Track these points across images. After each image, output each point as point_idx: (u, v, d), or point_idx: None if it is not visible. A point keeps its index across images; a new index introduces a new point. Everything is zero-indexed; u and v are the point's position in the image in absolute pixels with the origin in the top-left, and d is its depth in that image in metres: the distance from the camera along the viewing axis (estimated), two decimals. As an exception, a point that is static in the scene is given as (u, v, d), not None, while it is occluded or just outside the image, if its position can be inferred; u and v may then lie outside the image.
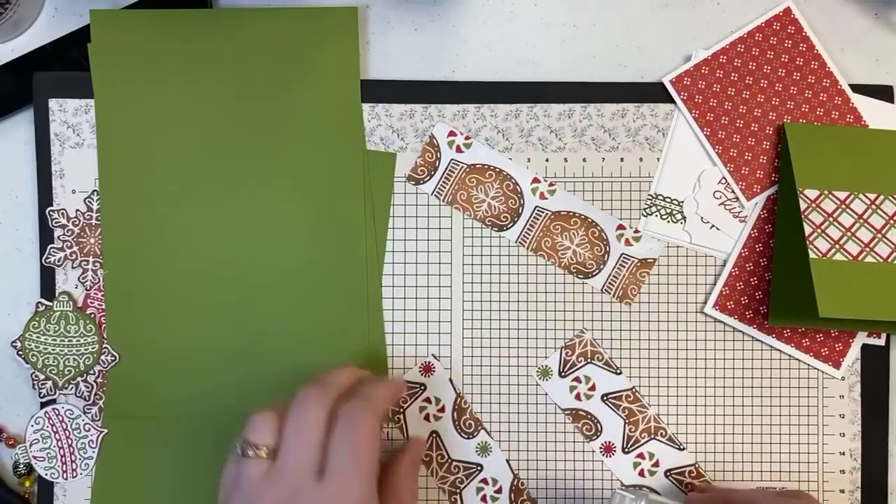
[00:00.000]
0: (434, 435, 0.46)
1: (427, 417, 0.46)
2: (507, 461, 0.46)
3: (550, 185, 0.47)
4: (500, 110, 0.47)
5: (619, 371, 0.46)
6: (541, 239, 0.47)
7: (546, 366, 0.46)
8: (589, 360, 0.46)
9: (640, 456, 0.46)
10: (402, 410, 0.46)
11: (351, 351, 0.46)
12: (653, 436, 0.46)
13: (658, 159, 0.47)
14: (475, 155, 0.47)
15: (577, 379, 0.46)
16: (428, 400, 0.46)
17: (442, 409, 0.46)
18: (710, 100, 0.46)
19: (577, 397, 0.46)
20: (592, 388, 0.46)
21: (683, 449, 0.46)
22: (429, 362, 0.46)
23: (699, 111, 0.46)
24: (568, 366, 0.46)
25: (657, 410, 0.47)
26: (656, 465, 0.46)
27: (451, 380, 0.46)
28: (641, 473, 0.46)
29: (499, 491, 0.46)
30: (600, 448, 0.46)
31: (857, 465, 0.47)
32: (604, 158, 0.47)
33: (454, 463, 0.46)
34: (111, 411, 0.46)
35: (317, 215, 0.46)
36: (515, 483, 0.46)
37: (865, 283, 0.43)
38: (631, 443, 0.46)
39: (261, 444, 0.37)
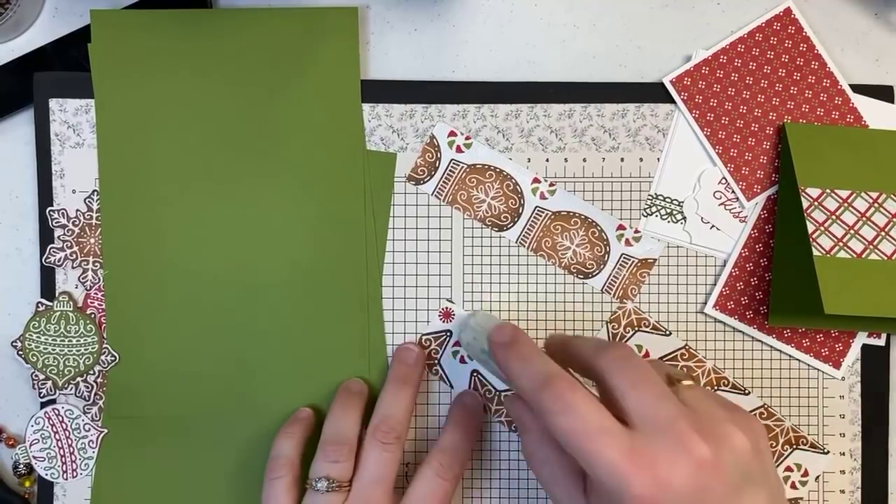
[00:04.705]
0: (475, 374, 0.46)
1: (462, 360, 0.46)
2: None
3: (551, 185, 0.47)
4: (500, 110, 0.47)
5: (668, 333, 0.46)
6: (541, 239, 0.47)
7: None
8: (637, 329, 0.47)
9: None
10: (436, 361, 0.46)
11: (351, 351, 0.46)
12: (716, 387, 0.46)
13: (658, 159, 0.47)
14: (475, 155, 0.47)
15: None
16: (458, 343, 0.46)
17: None
18: (711, 100, 0.46)
19: None
20: (646, 355, 0.46)
21: (749, 393, 0.46)
22: (447, 308, 0.46)
23: (699, 111, 0.46)
24: (618, 339, 0.47)
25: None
26: None
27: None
28: None
29: None
30: None
31: (857, 465, 0.47)
32: (604, 158, 0.47)
33: (503, 394, 0.46)
34: (111, 411, 0.46)
35: (317, 215, 0.46)
36: None
37: (869, 281, 0.43)
38: None
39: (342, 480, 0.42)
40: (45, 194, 0.46)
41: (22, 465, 0.46)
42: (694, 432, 0.33)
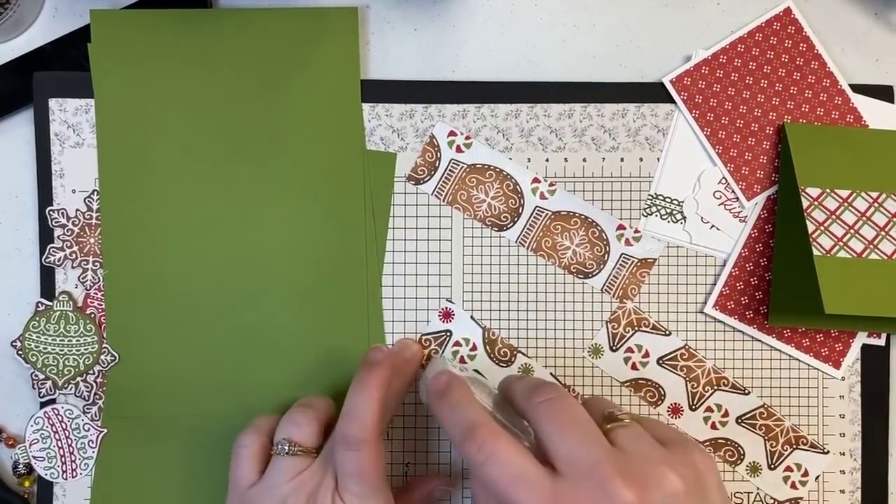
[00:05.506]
0: (475, 373, 0.46)
1: (462, 359, 0.47)
2: (552, 374, 0.47)
3: (551, 184, 0.47)
4: (500, 110, 0.47)
5: (668, 332, 0.47)
6: (541, 239, 0.47)
7: (596, 344, 0.46)
8: (637, 328, 0.47)
9: (709, 409, 0.46)
10: None
11: (351, 351, 0.46)
12: (716, 387, 0.46)
13: (658, 159, 0.47)
14: (475, 155, 0.47)
15: (629, 349, 0.47)
16: (458, 343, 0.46)
17: (474, 348, 0.46)
18: (710, 100, 0.46)
19: (634, 367, 0.46)
20: (646, 355, 0.46)
21: (749, 393, 0.46)
22: (447, 308, 0.46)
23: (699, 111, 0.46)
24: (617, 338, 0.47)
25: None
26: (725, 415, 0.46)
27: (472, 317, 0.46)
28: (714, 426, 0.46)
29: None
30: (667, 411, 0.46)
31: (857, 465, 0.47)
32: (604, 158, 0.47)
33: None
34: (111, 411, 0.46)
35: (317, 215, 0.46)
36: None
37: (869, 280, 0.43)
38: (696, 399, 0.46)
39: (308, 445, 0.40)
40: (45, 194, 0.46)
41: (22, 465, 0.46)
42: (618, 477, 0.32)
